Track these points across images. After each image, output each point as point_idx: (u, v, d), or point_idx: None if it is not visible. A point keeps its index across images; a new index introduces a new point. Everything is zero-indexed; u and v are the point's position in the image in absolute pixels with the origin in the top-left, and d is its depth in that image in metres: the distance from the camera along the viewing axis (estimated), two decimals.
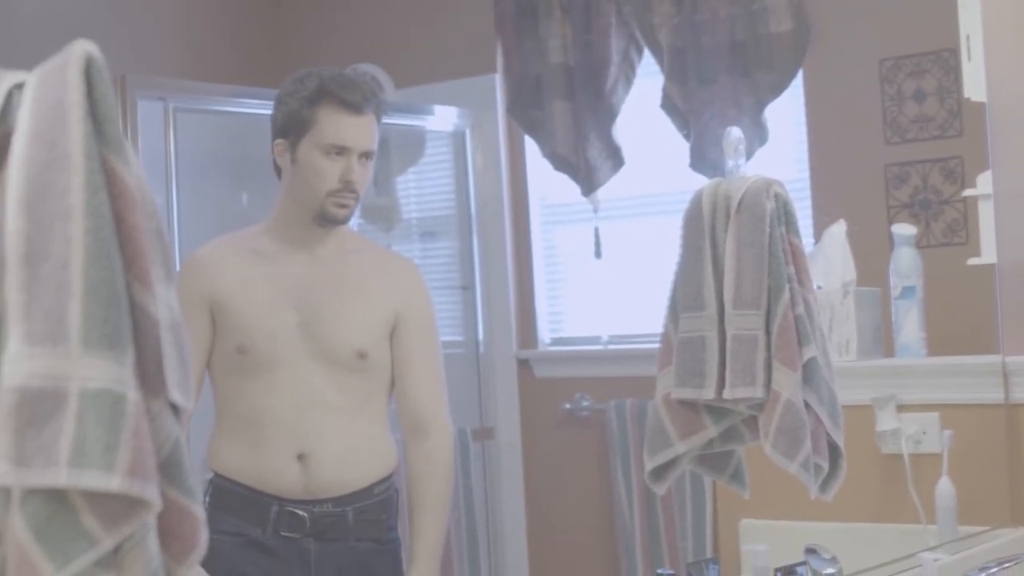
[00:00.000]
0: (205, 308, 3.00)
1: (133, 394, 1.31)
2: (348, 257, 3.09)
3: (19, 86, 1.36)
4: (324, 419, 2.99)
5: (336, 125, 2.98)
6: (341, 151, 2.98)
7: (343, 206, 3.01)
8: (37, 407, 1.29)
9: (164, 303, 1.37)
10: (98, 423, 1.29)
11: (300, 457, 2.98)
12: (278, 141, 3.03)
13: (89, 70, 1.34)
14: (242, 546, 2.99)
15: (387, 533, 3.08)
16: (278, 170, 3.07)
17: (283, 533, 2.99)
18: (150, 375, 1.36)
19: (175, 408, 1.40)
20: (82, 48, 1.35)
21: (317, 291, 3.03)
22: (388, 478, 3.09)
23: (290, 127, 3.00)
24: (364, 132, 3.01)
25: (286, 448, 2.98)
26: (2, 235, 1.32)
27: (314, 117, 2.98)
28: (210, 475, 3.07)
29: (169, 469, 1.37)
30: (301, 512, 2.99)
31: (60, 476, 1.28)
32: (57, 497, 1.30)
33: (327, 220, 3.02)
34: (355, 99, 2.98)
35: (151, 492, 1.31)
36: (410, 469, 3.09)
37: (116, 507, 1.31)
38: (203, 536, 1.41)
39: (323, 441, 2.98)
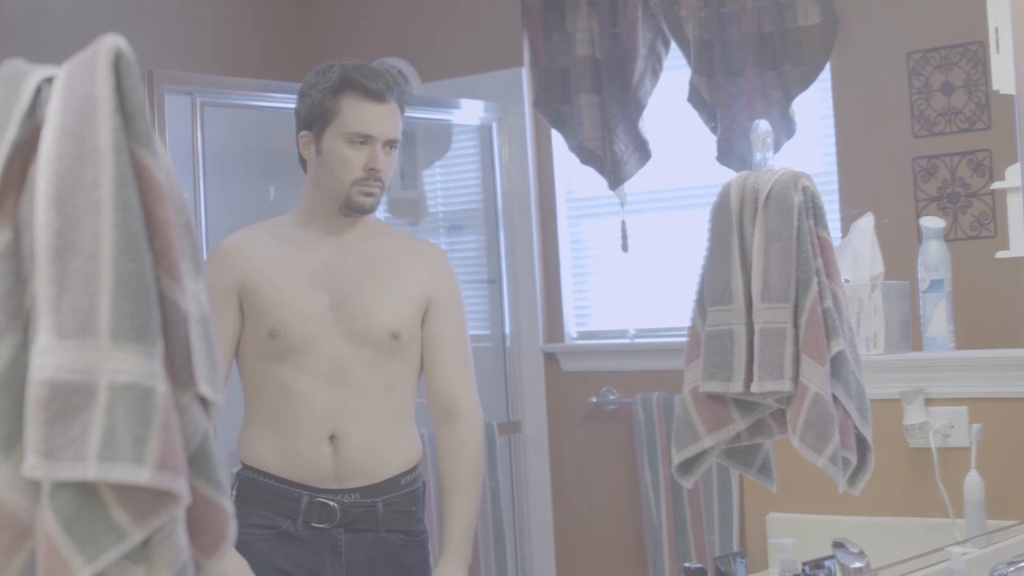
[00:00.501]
0: (233, 296, 3.02)
1: (162, 387, 1.32)
2: (376, 241, 3.11)
3: (48, 80, 1.37)
4: (355, 399, 3.00)
5: (359, 114, 3.00)
6: (365, 140, 3.00)
7: (369, 195, 3.02)
8: (66, 400, 1.29)
9: (193, 297, 1.37)
10: (127, 416, 1.29)
11: (332, 438, 2.99)
12: (303, 133, 3.05)
13: (118, 64, 1.34)
14: (273, 539, 3.00)
15: (416, 525, 3.09)
16: (303, 163, 3.09)
17: (313, 524, 3.00)
18: (179, 369, 1.36)
19: (204, 402, 1.40)
20: (111, 42, 1.35)
21: (348, 273, 3.04)
22: (415, 469, 3.09)
23: (314, 118, 3.02)
24: (388, 120, 3.02)
25: (318, 429, 2.99)
26: (32, 229, 1.33)
27: (337, 107, 3.00)
28: (236, 468, 3.07)
29: (198, 462, 1.37)
30: (331, 503, 3.00)
31: (89, 469, 1.28)
32: (86, 490, 1.30)
33: (353, 209, 3.03)
34: (378, 87, 3.01)
35: (180, 485, 1.31)
36: (440, 453, 3.10)
37: (145, 500, 1.31)
38: (232, 530, 1.41)
39: (354, 421, 2.99)
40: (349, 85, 3.01)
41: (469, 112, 4.77)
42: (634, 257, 4.49)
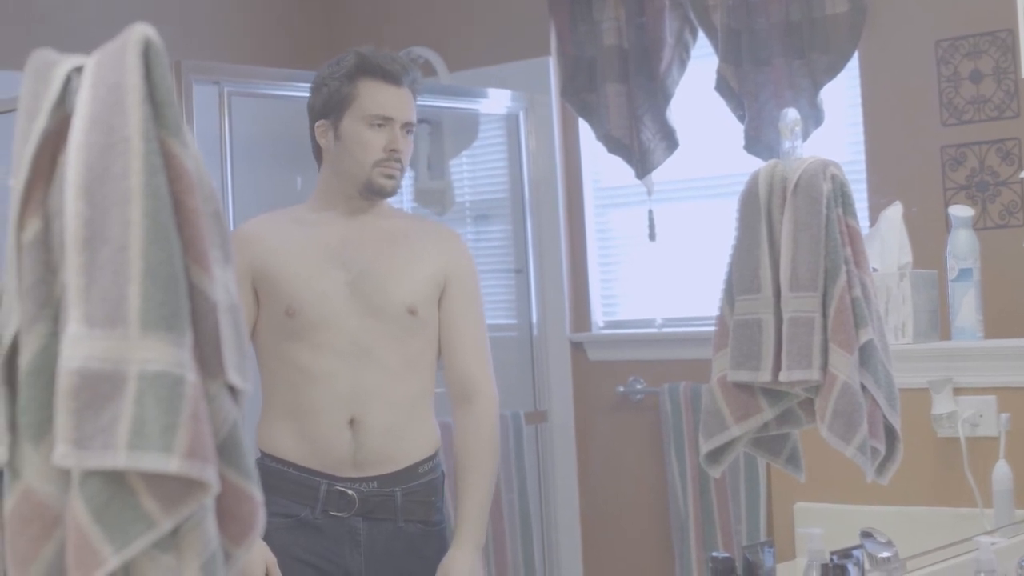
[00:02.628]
0: (247, 281, 3.03)
1: (191, 376, 1.32)
2: (392, 221, 3.15)
3: (77, 70, 1.37)
4: (375, 378, 3.01)
5: (377, 96, 3.04)
6: (384, 122, 3.03)
7: (390, 176, 3.05)
8: (96, 389, 1.29)
9: (222, 285, 1.38)
10: (157, 405, 1.29)
11: (351, 423, 3.00)
12: (319, 123, 3.08)
13: (147, 53, 1.34)
14: (292, 528, 3.01)
15: (435, 515, 3.09)
16: (317, 155, 3.12)
17: (332, 513, 3.01)
18: (208, 357, 1.36)
19: (233, 390, 1.40)
20: (140, 31, 1.35)
21: (364, 250, 3.06)
22: (433, 457, 3.10)
23: (331, 106, 3.05)
24: (404, 102, 3.06)
25: (338, 413, 3.00)
26: (62, 218, 1.33)
27: (355, 92, 3.04)
28: (255, 457, 3.07)
29: (227, 451, 1.38)
30: (350, 491, 3.01)
31: (119, 458, 1.28)
32: (116, 479, 1.30)
33: (374, 191, 3.05)
34: (394, 70, 3.05)
35: (209, 474, 1.32)
36: (457, 434, 3.11)
37: (175, 489, 1.31)
38: (260, 518, 1.42)
39: (373, 403, 3.00)
40: (365, 70, 3.04)
41: (496, 101, 4.77)
42: (661, 246, 4.48)
